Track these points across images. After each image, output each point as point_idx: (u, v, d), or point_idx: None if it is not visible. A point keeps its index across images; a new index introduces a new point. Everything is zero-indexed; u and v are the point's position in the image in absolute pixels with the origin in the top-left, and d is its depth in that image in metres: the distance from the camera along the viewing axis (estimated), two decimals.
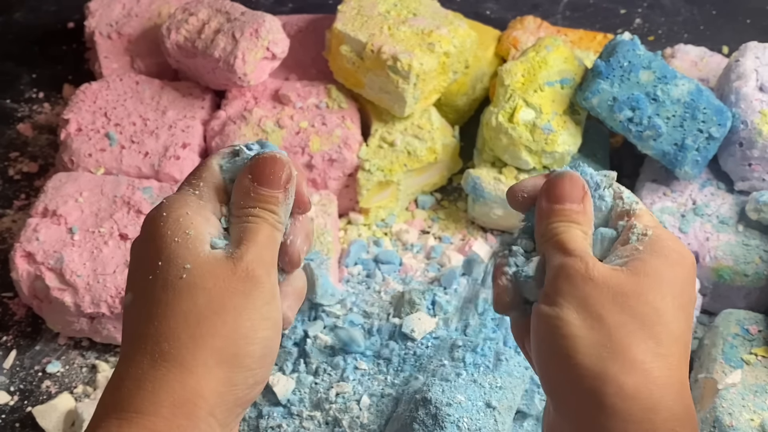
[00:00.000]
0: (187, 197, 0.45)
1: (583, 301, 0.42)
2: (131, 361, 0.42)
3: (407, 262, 0.86)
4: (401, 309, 0.78)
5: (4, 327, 0.81)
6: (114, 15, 1.00)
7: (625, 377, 0.41)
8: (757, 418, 0.68)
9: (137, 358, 0.41)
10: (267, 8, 1.10)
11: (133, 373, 0.41)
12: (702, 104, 0.81)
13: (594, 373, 0.41)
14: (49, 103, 1.04)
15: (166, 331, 0.41)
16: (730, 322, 0.75)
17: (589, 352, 0.41)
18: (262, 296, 0.43)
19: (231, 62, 0.86)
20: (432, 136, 0.89)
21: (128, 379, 0.41)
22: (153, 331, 0.41)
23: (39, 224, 0.77)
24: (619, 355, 0.41)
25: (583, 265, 0.43)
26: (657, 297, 0.42)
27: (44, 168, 0.96)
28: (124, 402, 0.41)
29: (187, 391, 0.40)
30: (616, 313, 0.42)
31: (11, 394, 0.76)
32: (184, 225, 0.43)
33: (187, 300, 0.42)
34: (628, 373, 0.41)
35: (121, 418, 0.40)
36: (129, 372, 0.41)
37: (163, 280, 0.42)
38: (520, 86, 0.85)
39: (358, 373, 0.73)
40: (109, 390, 0.42)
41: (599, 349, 0.41)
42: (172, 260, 0.42)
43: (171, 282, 0.42)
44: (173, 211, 0.44)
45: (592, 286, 0.43)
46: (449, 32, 0.87)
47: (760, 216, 0.80)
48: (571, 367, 0.42)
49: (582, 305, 0.42)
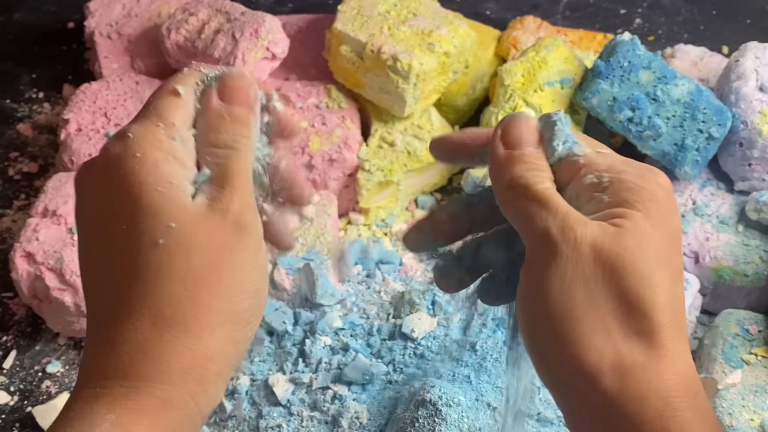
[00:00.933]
0: (158, 134, 0.40)
1: (575, 271, 0.39)
2: (124, 324, 0.38)
3: (407, 262, 0.86)
4: (401, 309, 0.78)
5: (4, 327, 0.81)
6: (114, 15, 1.00)
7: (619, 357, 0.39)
8: (757, 418, 0.68)
9: (133, 322, 0.38)
10: (267, 8, 1.10)
11: (132, 337, 0.38)
12: (702, 104, 0.81)
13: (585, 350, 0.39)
14: (49, 103, 1.04)
15: (167, 295, 0.38)
16: (730, 322, 0.75)
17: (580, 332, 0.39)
18: (252, 246, 0.41)
19: (231, 62, 0.86)
20: (432, 136, 0.89)
21: (126, 344, 0.38)
22: (149, 294, 0.38)
23: (39, 224, 0.77)
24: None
25: (573, 225, 0.40)
26: (646, 267, 0.39)
27: (44, 168, 0.96)
28: (127, 369, 0.38)
29: (195, 356, 0.39)
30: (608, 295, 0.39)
31: (11, 394, 0.76)
32: (165, 172, 0.39)
33: (180, 261, 0.39)
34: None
35: (128, 386, 0.38)
36: (126, 336, 0.38)
37: (149, 236, 0.39)
38: (520, 86, 0.85)
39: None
40: (99, 355, 0.39)
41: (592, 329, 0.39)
42: (156, 214, 0.39)
43: (157, 238, 0.38)
44: (148, 152, 0.39)
45: (585, 254, 0.39)
46: (449, 32, 0.87)
47: (760, 216, 0.80)
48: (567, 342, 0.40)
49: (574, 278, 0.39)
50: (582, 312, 0.39)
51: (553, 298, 0.40)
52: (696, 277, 0.78)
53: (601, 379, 0.39)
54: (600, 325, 0.39)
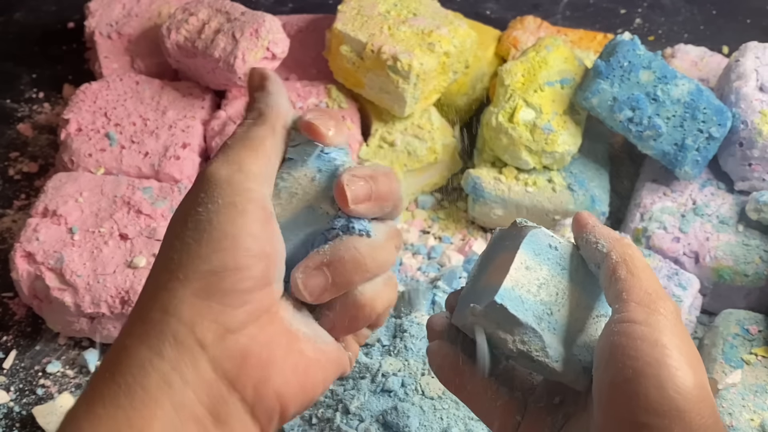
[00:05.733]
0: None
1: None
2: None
3: (407, 262, 0.86)
4: (401, 308, 0.78)
5: (4, 327, 0.81)
6: (114, 15, 1.00)
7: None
8: (757, 418, 0.68)
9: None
10: (267, 8, 1.10)
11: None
12: (702, 104, 0.81)
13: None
14: (49, 103, 1.04)
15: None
16: (730, 322, 0.75)
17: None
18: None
19: (231, 62, 0.86)
20: (432, 136, 0.89)
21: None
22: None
23: (39, 224, 0.77)
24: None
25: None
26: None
27: (44, 168, 0.96)
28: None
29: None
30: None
31: (11, 394, 0.76)
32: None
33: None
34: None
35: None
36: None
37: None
38: (520, 86, 0.85)
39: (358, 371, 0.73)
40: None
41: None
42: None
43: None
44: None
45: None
46: (449, 32, 0.87)
47: (760, 216, 0.80)
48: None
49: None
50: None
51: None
52: (696, 277, 0.78)
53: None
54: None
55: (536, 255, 0.49)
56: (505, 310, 0.46)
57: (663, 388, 0.42)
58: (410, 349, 0.72)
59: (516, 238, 0.50)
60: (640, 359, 0.42)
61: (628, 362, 0.43)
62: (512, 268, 0.48)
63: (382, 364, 0.70)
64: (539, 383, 0.52)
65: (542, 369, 0.48)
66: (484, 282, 0.50)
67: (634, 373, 0.42)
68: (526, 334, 0.47)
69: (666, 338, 0.43)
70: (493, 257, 0.51)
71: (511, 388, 0.51)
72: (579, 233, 0.50)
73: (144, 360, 0.39)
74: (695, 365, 0.43)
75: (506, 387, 0.51)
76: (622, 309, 0.45)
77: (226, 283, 0.40)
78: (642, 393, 0.42)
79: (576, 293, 0.49)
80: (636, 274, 0.46)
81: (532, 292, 0.48)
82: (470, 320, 0.48)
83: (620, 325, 0.44)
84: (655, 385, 0.42)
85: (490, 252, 0.52)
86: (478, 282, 0.51)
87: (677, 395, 0.42)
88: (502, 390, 0.51)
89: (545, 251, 0.49)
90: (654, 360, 0.42)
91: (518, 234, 0.50)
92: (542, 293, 0.48)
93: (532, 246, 0.49)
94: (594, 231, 0.49)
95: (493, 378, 0.50)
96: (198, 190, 0.42)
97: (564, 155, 0.84)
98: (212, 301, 0.40)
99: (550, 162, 0.84)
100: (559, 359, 0.47)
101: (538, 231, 0.50)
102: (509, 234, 0.51)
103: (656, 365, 0.42)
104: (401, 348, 0.72)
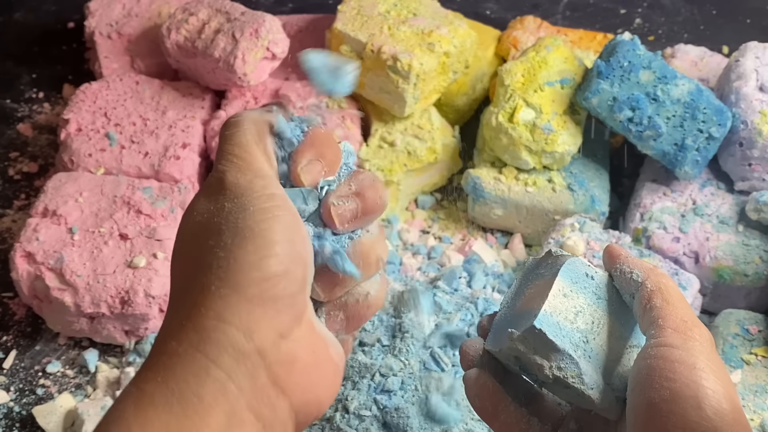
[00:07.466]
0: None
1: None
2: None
3: (407, 262, 0.86)
4: (401, 309, 0.77)
5: (4, 327, 0.81)
6: (114, 15, 1.00)
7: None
8: (757, 418, 0.68)
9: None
10: (267, 8, 1.10)
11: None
12: (702, 104, 0.81)
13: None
14: (49, 103, 1.04)
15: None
16: (730, 322, 0.75)
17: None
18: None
19: (231, 62, 0.86)
20: (432, 136, 0.89)
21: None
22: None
23: (39, 224, 0.77)
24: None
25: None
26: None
27: (44, 168, 0.96)
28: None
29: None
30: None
31: (11, 394, 0.76)
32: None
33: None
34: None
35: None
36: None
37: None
38: (520, 86, 0.85)
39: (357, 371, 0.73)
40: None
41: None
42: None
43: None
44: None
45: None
46: (449, 32, 0.87)
47: (760, 216, 0.80)
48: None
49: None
50: None
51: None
52: (696, 277, 0.78)
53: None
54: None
55: (574, 283, 0.49)
56: (544, 336, 0.47)
57: (701, 408, 0.42)
58: (410, 349, 0.72)
59: (552, 267, 0.51)
60: (677, 381, 0.43)
61: (665, 383, 0.43)
62: (551, 295, 0.48)
63: (382, 364, 0.70)
64: (567, 414, 0.53)
65: (576, 396, 0.48)
66: (520, 308, 0.50)
67: (672, 394, 0.43)
68: (563, 361, 0.47)
69: (702, 363, 0.44)
70: (528, 285, 0.52)
71: (540, 418, 0.52)
72: (612, 264, 0.51)
73: (200, 368, 0.39)
74: (730, 390, 0.44)
75: (537, 417, 0.52)
76: (659, 334, 0.46)
77: (278, 288, 0.40)
78: (680, 413, 0.42)
79: (611, 323, 0.49)
80: (671, 302, 0.47)
81: (569, 319, 0.48)
82: (507, 345, 0.48)
83: (657, 348, 0.45)
84: (694, 405, 0.42)
85: (523, 280, 0.53)
86: (513, 309, 0.51)
87: (715, 416, 0.42)
88: (533, 421, 0.51)
89: (582, 280, 0.50)
90: (692, 382, 0.43)
91: (554, 263, 0.51)
92: (579, 321, 0.48)
93: (569, 274, 0.50)
94: (627, 261, 0.50)
95: (526, 409, 0.51)
96: (222, 199, 0.42)
97: (564, 155, 0.84)
98: (267, 307, 0.40)
99: (550, 162, 0.84)
100: (594, 386, 0.47)
101: (576, 260, 0.50)
102: (544, 263, 0.52)
103: (694, 387, 0.43)
104: (401, 348, 0.72)
